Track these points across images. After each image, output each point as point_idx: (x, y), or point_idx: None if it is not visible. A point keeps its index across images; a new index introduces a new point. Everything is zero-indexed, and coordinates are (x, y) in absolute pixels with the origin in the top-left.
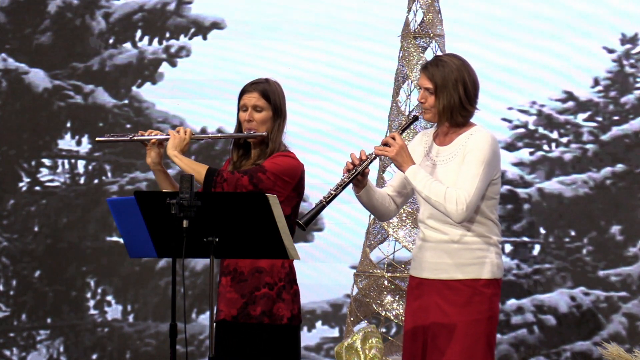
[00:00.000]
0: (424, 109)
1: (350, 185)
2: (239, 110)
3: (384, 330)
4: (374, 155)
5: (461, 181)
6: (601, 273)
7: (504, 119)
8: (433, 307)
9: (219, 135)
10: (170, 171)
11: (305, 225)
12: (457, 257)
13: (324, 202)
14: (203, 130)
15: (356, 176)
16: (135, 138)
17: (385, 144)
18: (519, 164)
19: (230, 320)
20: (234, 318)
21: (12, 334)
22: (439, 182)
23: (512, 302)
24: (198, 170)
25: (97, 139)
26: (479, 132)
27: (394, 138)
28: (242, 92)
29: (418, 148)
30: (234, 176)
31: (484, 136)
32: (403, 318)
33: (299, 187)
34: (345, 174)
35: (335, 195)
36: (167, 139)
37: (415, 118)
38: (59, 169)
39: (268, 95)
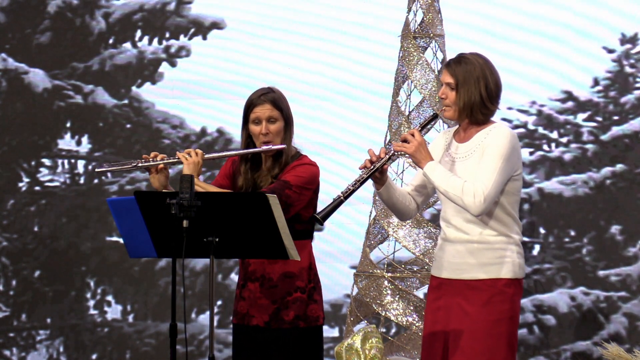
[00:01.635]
0: (444, 106)
1: (371, 182)
2: (247, 123)
3: (384, 330)
4: (392, 152)
5: (480, 175)
6: (601, 273)
7: (504, 119)
8: (454, 307)
9: (234, 152)
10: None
11: (323, 220)
12: (479, 257)
13: (341, 197)
14: (203, 131)
15: (374, 172)
16: (140, 165)
17: (404, 140)
18: None
19: (263, 326)
20: (266, 324)
21: (12, 334)
22: (456, 177)
23: None
24: None
25: (96, 170)
26: (498, 128)
27: (413, 135)
28: (252, 105)
29: (439, 144)
30: None
31: (503, 132)
32: (402, 318)
33: (317, 189)
34: (363, 170)
35: (353, 191)
36: (175, 162)
37: (435, 116)
38: (59, 169)
39: (279, 105)
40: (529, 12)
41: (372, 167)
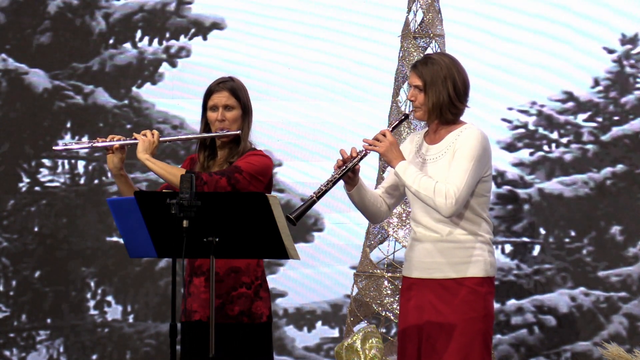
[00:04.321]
0: (414, 107)
1: (342, 183)
2: (205, 110)
3: (384, 330)
4: (364, 152)
5: (451, 176)
6: (601, 273)
7: (504, 119)
8: (427, 307)
9: (189, 136)
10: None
11: (296, 220)
12: (450, 256)
13: (314, 198)
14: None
15: (347, 172)
16: (96, 145)
17: (375, 140)
18: (519, 165)
19: (206, 321)
20: (209, 319)
21: (12, 335)
22: (428, 177)
23: (512, 303)
24: (175, 173)
25: (54, 148)
26: (469, 129)
27: (384, 135)
28: (210, 92)
29: (409, 147)
30: (212, 178)
31: (473, 133)
32: None
33: (270, 184)
34: (336, 170)
35: (326, 191)
36: (133, 143)
37: (406, 116)
38: (59, 169)
39: (237, 94)
40: (529, 12)
41: (345, 166)
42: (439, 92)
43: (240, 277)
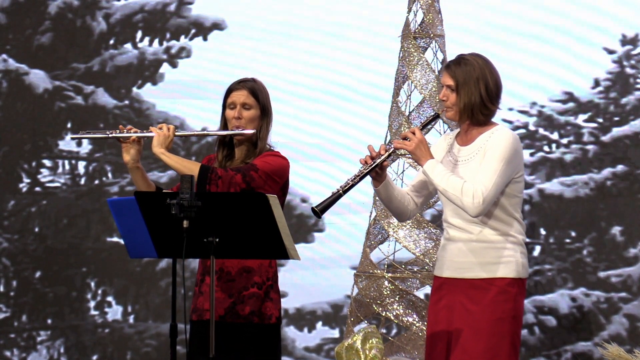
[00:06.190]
0: (445, 107)
1: (370, 179)
2: (225, 108)
3: (384, 330)
4: (392, 149)
5: (480, 176)
6: (602, 274)
7: (505, 120)
8: (457, 306)
9: (204, 132)
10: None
11: (321, 212)
12: (482, 256)
13: (340, 192)
14: (203, 130)
15: (375, 168)
16: (112, 135)
17: (404, 137)
18: None
19: (217, 320)
20: (220, 317)
21: (12, 335)
22: (456, 176)
23: None
24: (190, 167)
25: (71, 136)
26: (500, 131)
27: (414, 133)
28: (230, 90)
29: (441, 145)
30: (227, 174)
31: (505, 134)
32: (403, 318)
33: (285, 186)
34: (363, 165)
35: (353, 185)
36: (149, 137)
37: (437, 115)
38: (60, 170)
39: (256, 94)
40: (529, 12)
41: (372, 162)
42: (470, 92)
43: (252, 277)
